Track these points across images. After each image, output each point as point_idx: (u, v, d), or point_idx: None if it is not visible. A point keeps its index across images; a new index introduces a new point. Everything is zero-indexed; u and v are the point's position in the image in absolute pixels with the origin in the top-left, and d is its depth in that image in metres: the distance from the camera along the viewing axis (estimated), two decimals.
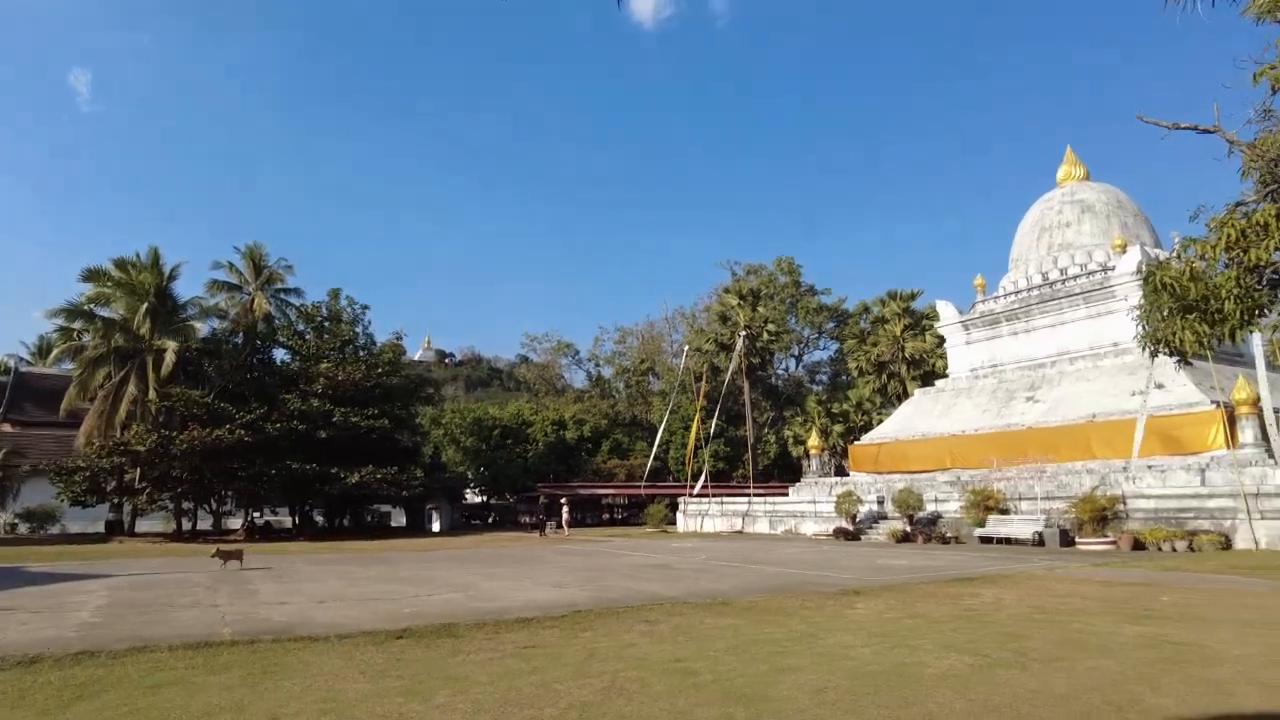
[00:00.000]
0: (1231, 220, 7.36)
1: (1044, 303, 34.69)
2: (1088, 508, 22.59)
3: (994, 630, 9.00)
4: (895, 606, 11.11)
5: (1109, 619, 9.72)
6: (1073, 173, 39.03)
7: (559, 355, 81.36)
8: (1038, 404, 31.44)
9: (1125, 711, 5.62)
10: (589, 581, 15.28)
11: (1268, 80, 7.80)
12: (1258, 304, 7.62)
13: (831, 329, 68.45)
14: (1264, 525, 20.23)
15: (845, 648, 8.08)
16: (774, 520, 35.25)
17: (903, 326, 52.91)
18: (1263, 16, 9.22)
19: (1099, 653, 7.63)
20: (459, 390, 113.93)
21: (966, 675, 6.79)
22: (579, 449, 57.57)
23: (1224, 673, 6.75)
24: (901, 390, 49.64)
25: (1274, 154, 7.30)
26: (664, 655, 7.85)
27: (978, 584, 13.75)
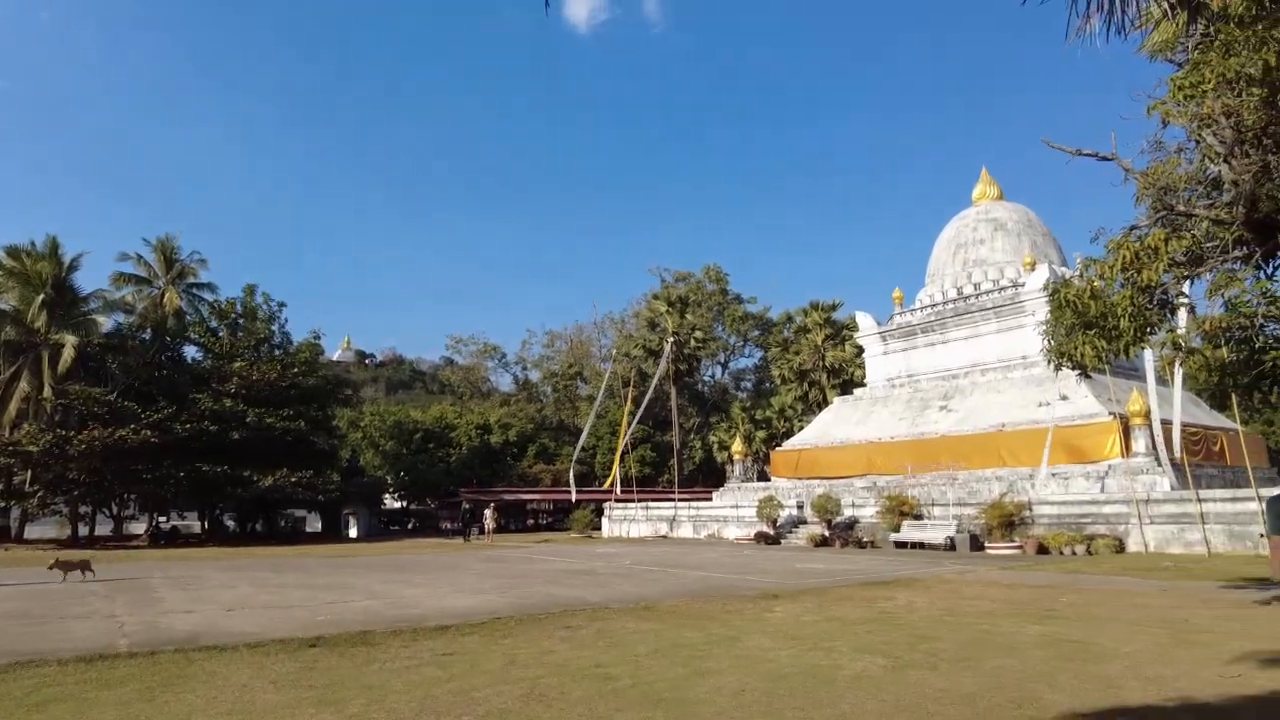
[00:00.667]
0: (1126, 243, 7.83)
1: (958, 316, 36.08)
2: (996, 514, 23.57)
3: (906, 632, 9.29)
4: (812, 610, 11.36)
5: (1013, 620, 10.15)
6: (987, 192, 40.74)
7: (485, 358, 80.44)
8: (951, 413, 32.65)
9: (1025, 708, 5.87)
10: (511, 588, 15.13)
11: (1159, 114, 8.34)
12: (1149, 322, 8.14)
13: (757, 337, 69.65)
14: (1153, 529, 21.49)
15: (764, 650, 8.22)
16: (698, 525, 35.60)
17: (824, 336, 54.20)
18: (1155, 55, 9.85)
19: (1003, 652, 7.96)
20: (379, 392, 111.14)
21: (879, 676, 6.99)
22: (504, 453, 56.93)
23: (1114, 669, 7.13)
24: (822, 398, 50.81)
25: (1164, 182, 7.80)
26: (585, 660, 7.83)
27: (892, 587, 14.18)
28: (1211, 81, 7.54)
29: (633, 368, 57.59)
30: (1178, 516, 21.33)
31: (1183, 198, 8.32)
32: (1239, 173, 7.26)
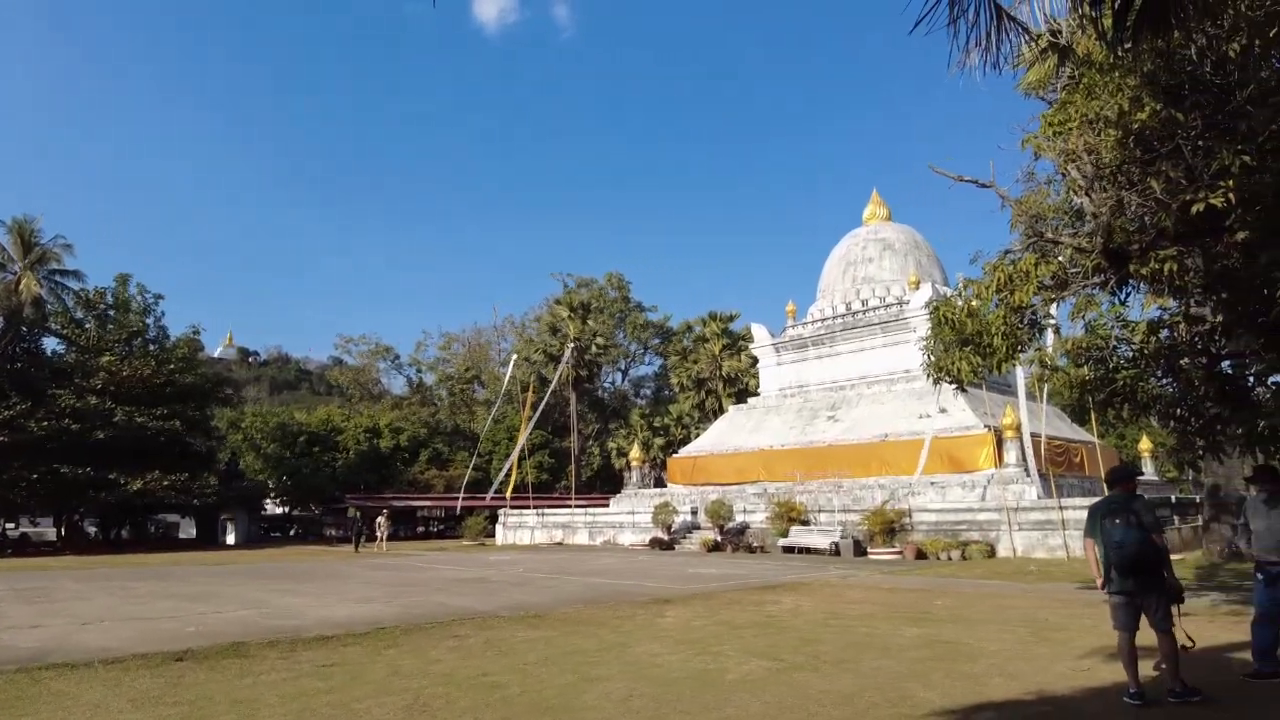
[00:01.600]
0: (1001, 266, 8.36)
1: (847, 330, 37.55)
2: (878, 520, 24.60)
3: (791, 635, 9.56)
4: (702, 614, 11.54)
5: (892, 622, 10.60)
6: (877, 213, 42.63)
7: (376, 359, 77.97)
8: (838, 423, 33.90)
9: (899, 706, 6.15)
10: (398, 596, 14.69)
11: (1032, 147, 8.94)
12: (1020, 340, 8.71)
13: (657, 345, 70.38)
14: (1021, 535, 22.93)
15: (653, 656, 8.28)
16: (594, 531, 35.58)
17: (721, 346, 55.35)
18: (1030, 93, 10.57)
19: (881, 653, 8.31)
20: (263, 392, 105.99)
21: (764, 678, 7.16)
22: (394, 458, 55.24)
23: (981, 666, 7.56)
24: (718, 406, 51.82)
25: (1035, 211, 8.37)
26: (472, 670, 7.68)
27: (779, 591, 14.57)
28: (1076, 120, 8.15)
29: (532, 372, 57.10)
30: (1042, 523, 22.83)
31: (1051, 226, 8.95)
32: (1098, 205, 7.88)
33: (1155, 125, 7.41)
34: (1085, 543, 6.54)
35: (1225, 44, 6.63)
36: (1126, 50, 7.39)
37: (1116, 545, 6.06)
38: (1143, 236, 8.00)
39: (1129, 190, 7.72)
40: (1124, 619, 6.18)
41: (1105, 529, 6.15)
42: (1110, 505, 6.26)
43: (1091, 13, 4.42)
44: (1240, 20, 6.39)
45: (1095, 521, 6.29)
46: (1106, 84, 7.85)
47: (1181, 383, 9.59)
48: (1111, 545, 6.09)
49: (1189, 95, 7.15)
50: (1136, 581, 6.09)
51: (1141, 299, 10.24)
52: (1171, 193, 7.33)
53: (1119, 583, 6.14)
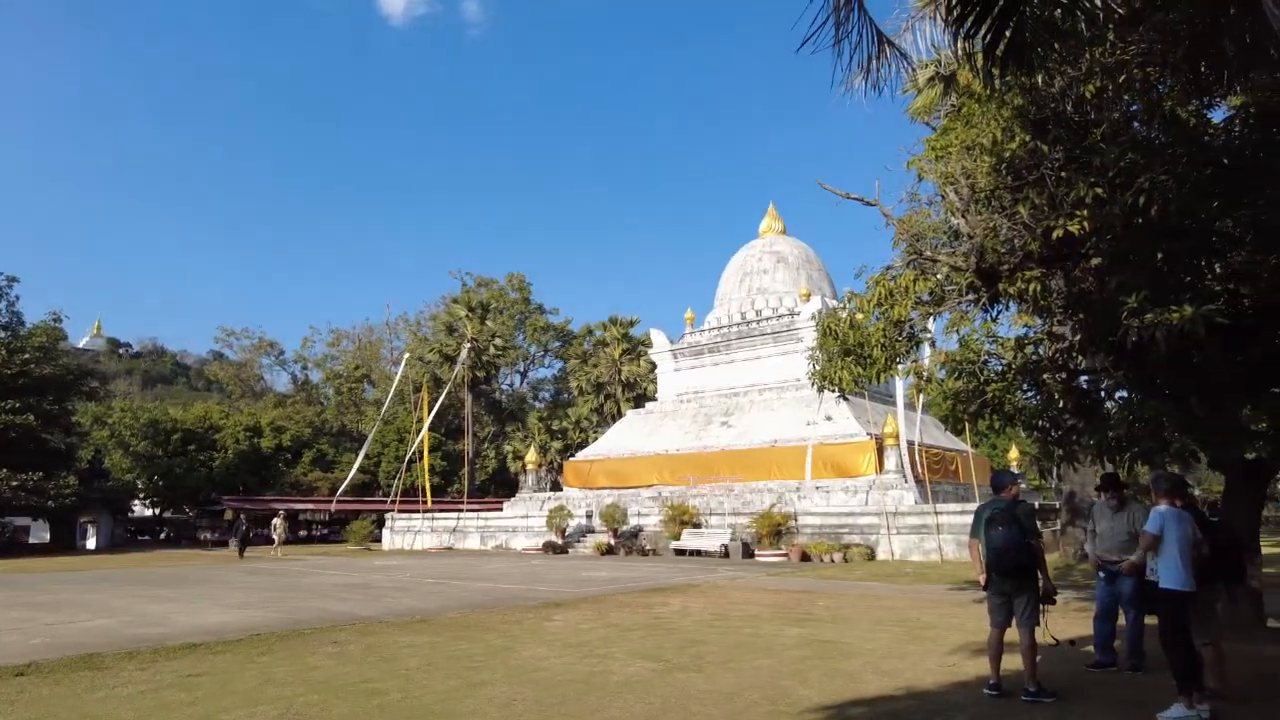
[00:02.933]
0: (882, 281, 8.78)
1: (741, 339, 38.48)
2: (766, 523, 25.29)
3: (678, 637, 9.71)
4: (591, 617, 11.55)
5: (775, 623, 10.91)
6: (773, 226, 43.91)
7: (259, 354, 74.37)
8: (731, 429, 34.66)
9: (778, 703, 6.34)
10: (275, 602, 14.04)
11: (916, 169, 9.43)
12: (898, 352, 9.16)
13: (557, 348, 70.03)
14: (899, 539, 24.06)
15: (539, 659, 8.24)
16: (485, 536, 35.03)
17: (621, 351, 55.67)
18: (916, 117, 11.14)
19: (763, 653, 8.55)
20: (134, 386, 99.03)
21: (649, 680, 7.24)
22: (276, 459, 52.71)
23: (857, 664, 7.89)
24: (617, 410, 52.05)
25: (916, 230, 8.83)
26: (351, 676, 7.44)
27: (668, 593, 14.75)
28: (956, 146, 8.66)
29: (426, 373, 55.73)
30: (919, 528, 24.02)
31: (930, 245, 9.46)
32: (972, 227, 8.40)
33: (1024, 155, 7.96)
34: (970, 543, 6.96)
35: (1083, 85, 7.20)
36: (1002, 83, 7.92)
37: (998, 549, 6.46)
38: (1012, 258, 8.57)
39: (1000, 214, 8.25)
40: (999, 616, 6.62)
41: (989, 532, 6.55)
42: (995, 509, 6.64)
43: (966, 46, 4.71)
44: (1094, 65, 6.97)
45: (980, 524, 6.69)
46: (984, 114, 8.38)
47: (1044, 396, 10.29)
48: (993, 548, 6.48)
49: (1053, 129, 7.72)
50: (1013, 583, 6.52)
51: (1010, 316, 10.97)
52: (1036, 218, 7.89)
53: (998, 583, 6.56)
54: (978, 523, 6.68)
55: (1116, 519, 7.58)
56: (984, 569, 6.63)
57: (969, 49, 4.93)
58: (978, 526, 6.68)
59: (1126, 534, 7.40)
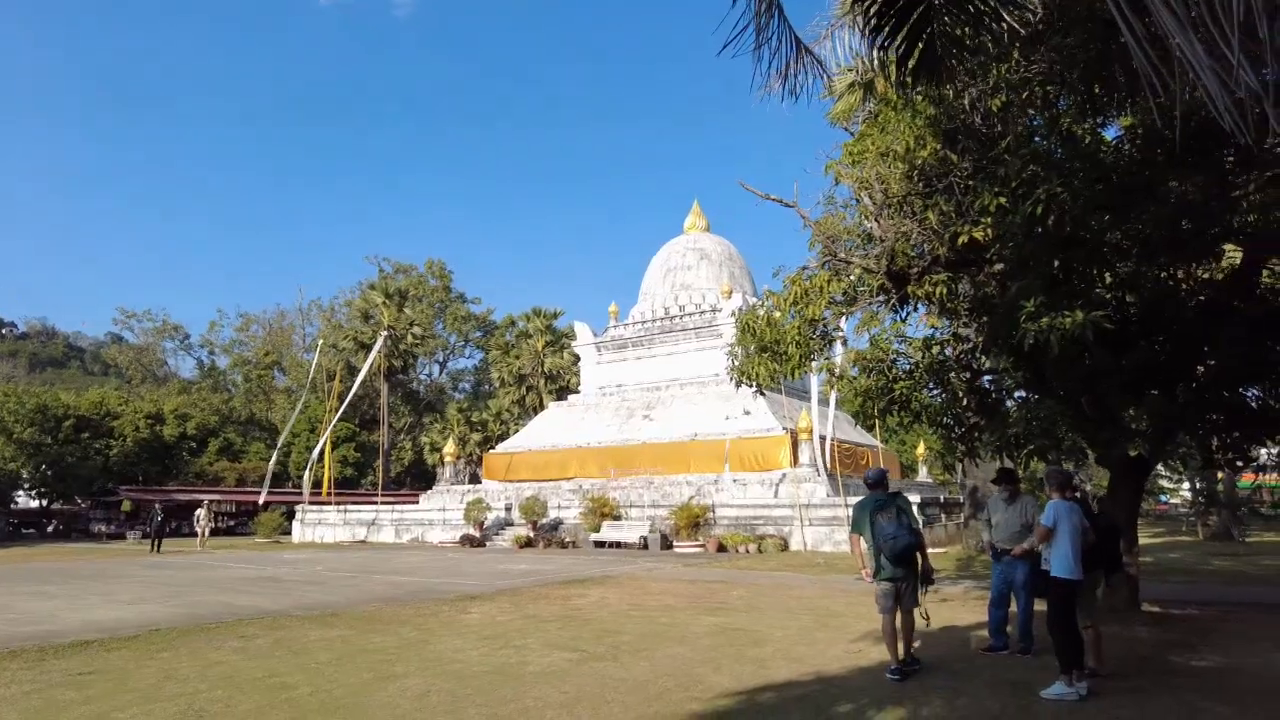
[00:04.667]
0: (799, 281, 9.04)
1: (664, 334, 38.83)
2: (685, 515, 25.65)
3: (595, 627, 9.79)
4: (508, 609, 11.53)
5: (690, 612, 11.12)
6: (697, 223, 44.43)
7: (162, 337, 70.99)
8: (653, 422, 34.97)
9: (690, 690, 6.50)
10: (175, 597, 13.49)
11: (834, 173, 9.73)
12: (812, 350, 9.45)
13: (478, 338, 69.13)
14: (811, 530, 24.77)
15: (455, 651, 8.19)
16: (401, 529, 34.38)
17: (544, 343, 55.34)
18: (836, 122, 11.47)
19: (678, 642, 8.72)
20: (19, 369, 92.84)
21: (565, 669, 7.30)
22: (180, 448, 50.38)
23: (767, 651, 8.14)
24: (539, 403, 51.76)
25: (831, 233, 9.11)
26: (257, 671, 7.24)
27: (586, 585, 14.83)
28: (871, 152, 8.98)
29: (340, 361, 54.23)
30: (830, 519, 24.77)
31: (844, 247, 9.78)
32: (885, 231, 8.73)
33: (934, 163, 8.32)
34: (852, 538, 7.35)
35: (990, 99, 7.59)
36: (915, 93, 8.26)
37: (891, 538, 6.87)
38: (920, 262, 8.95)
39: (911, 220, 8.61)
40: (889, 603, 6.98)
41: (878, 524, 6.94)
42: (879, 503, 7.05)
43: (882, 56, 4.92)
44: (1001, 80, 7.35)
45: (866, 518, 7.05)
46: (898, 122, 8.71)
47: (948, 394, 10.78)
48: (886, 538, 6.88)
49: (962, 140, 8.10)
50: (904, 569, 6.96)
51: (918, 318, 11.45)
52: (944, 224, 8.26)
53: (890, 570, 6.93)
54: (862, 518, 7.11)
55: (1010, 510, 8.03)
56: (869, 561, 7.07)
57: (885, 59, 5.14)
58: (862, 521, 7.11)
59: (1020, 525, 7.86)
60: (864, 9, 4.22)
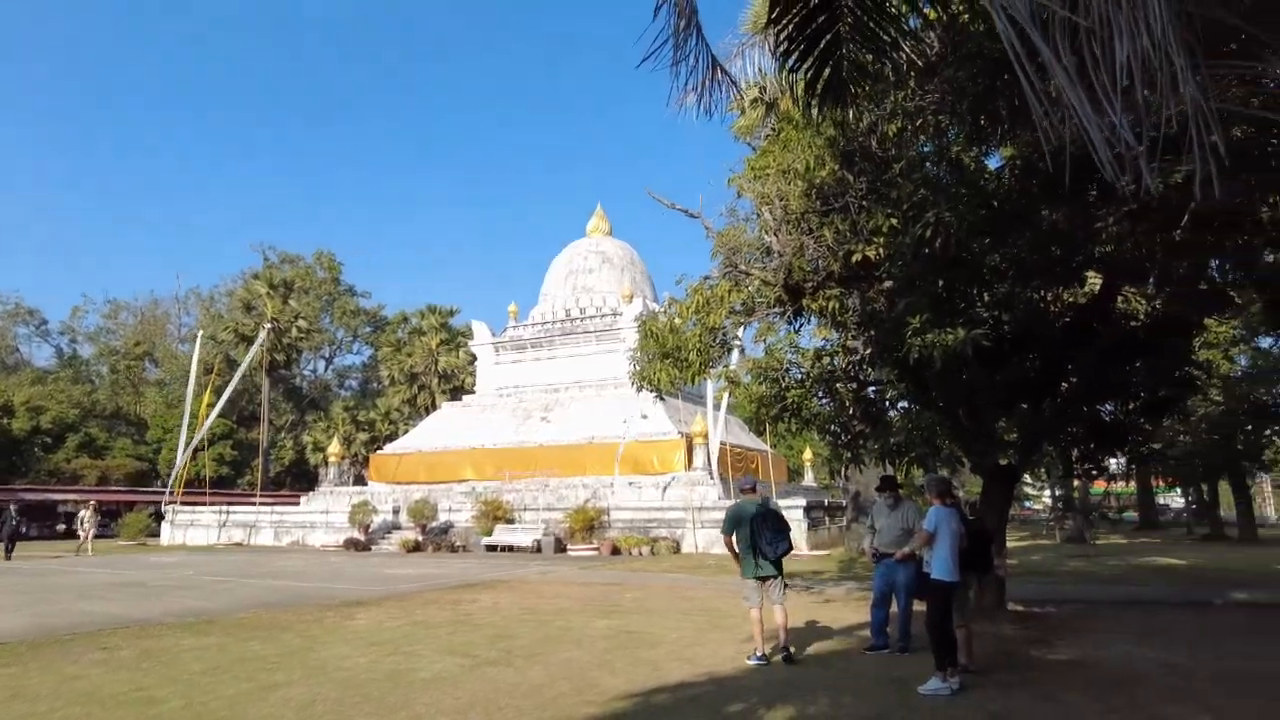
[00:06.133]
0: (700, 290, 9.24)
1: (564, 335, 38.73)
2: (580, 518, 25.63)
3: (487, 632, 9.66)
4: (397, 614, 11.22)
5: (584, 616, 11.13)
6: (600, 226, 44.55)
7: (15, 321, 65.24)
8: (550, 424, 34.78)
9: (585, 693, 6.51)
10: (28, 605, 12.44)
11: (736, 186, 9.99)
12: (711, 358, 9.67)
13: (368, 334, 66.96)
14: (703, 533, 25.21)
15: (341, 659, 7.91)
16: (280, 531, 32.85)
17: (439, 341, 54.11)
18: (740, 137, 11.77)
19: (573, 645, 8.71)
20: None
21: (457, 675, 7.18)
22: (32, 442, 46.46)
23: (661, 653, 8.25)
24: (431, 402, 50.56)
25: (733, 244, 9.36)
26: (122, 685, 6.77)
27: (478, 590, 14.60)
28: (773, 169, 9.27)
29: (219, 353, 51.37)
30: (721, 522, 25.30)
31: (745, 259, 10.06)
32: (783, 246, 9.04)
33: (832, 183, 8.68)
34: (726, 539, 8.04)
35: (886, 124, 7.98)
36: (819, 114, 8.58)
37: (769, 540, 7.64)
38: (815, 277, 9.31)
39: (808, 236, 8.94)
40: (756, 598, 7.76)
41: (754, 527, 7.71)
42: (756, 508, 7.82)
43: (790, 78, 5.10)
44: (897, 107, 7.75)
45: (743, 521, 7.83)
46: (799, 140, 9.04)
47: (836, 403, 11.25)
48: (764, 540, 7.64)
49: (858, 162, 8.48)
50: (775, 567, 7.79)
51: (811, 329, 11.89)
52: (839, 242, 8.63)
53: (763, 569, 7.73)
54: (739, 520, 7.73)
55: (893, 516, 8.45)
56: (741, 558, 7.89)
57: (791, 81, 5.33)
58: (736, 524, 7.82)
59: (901, 529, 8.28)
60: (775, 32, 4.37)
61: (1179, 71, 1.78)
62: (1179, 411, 13.53)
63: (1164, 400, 11.01)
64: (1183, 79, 1.79)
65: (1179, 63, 1.75)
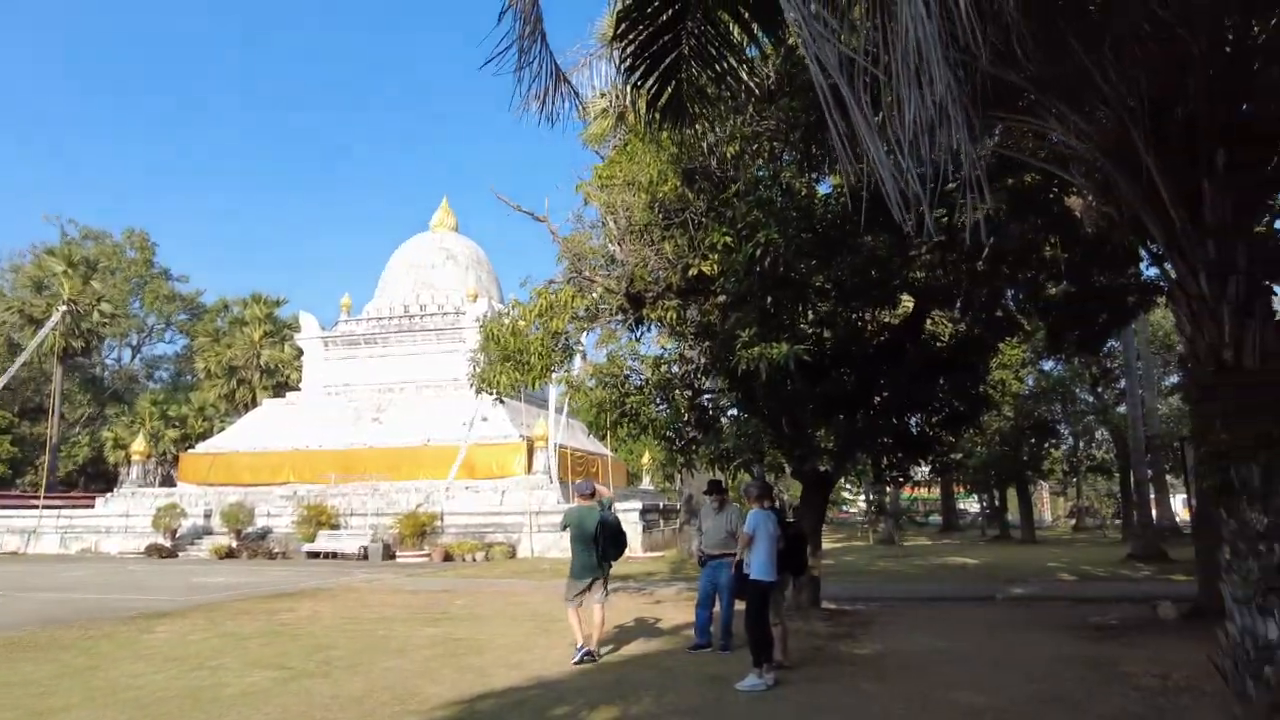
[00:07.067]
0: (545, 294, 9.27)
1: (402, 333, 37.37)
2: (410, 523, 24.82)
3: (305, 643, 9.17)
4: (203, 627, 10.42)
5: (410, 624, 10.79)
6: (445, 221, 43.36)
7: None
8: (384, 425, 33.44)
9: (407, 703, 6.34)
10: None
11: (584, 193, 10.10)
12: (554, 362, 9.72)
13: (183, 322, 61.59)
14: (540, 537, 25.13)
15: (134, 677, 7.25)
16: (69, 537, 29.50)
17: (263, 332, 50.60)
18: (589, 144, 11.92)
19: (396, 654, 8.44)
20: None
21: (269, 689, 6.77)
22: None
23: (488, 659, 8.16)
24: (252, 399, 47.21)
25: (578, 250, 9.46)
26: None
27: (297, 598, 13.82)
28: (619, 180, 9.47)
29: (0, 337, 45.53)
30: (553, 526, 25.32)
31: (590, 265, 10.19)
32: (627, 255, 9.24)
33: (674, 199, 8.98)
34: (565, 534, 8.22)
35: (726, 146, 8.37)
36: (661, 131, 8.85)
37: (594, 540, 8.00)
38: (656, 287, 9.58)
39: (650, 248, 9.20)
40: (579, 599, 8.09)
41: (585, 528, 8.03)
42: (593, 516, 8.11)
43: (634, 94, 5.25)
44: (736, 131, 8.14)
45: (589, 522, 8.06)
46: (645, 154, 9.28)
47: (673, 409, 11.61)
48: (590, 540, 7.98)
49: (699, 180, 8.83)
50: (605, 567, 8.20)
51: (652, 338, 12.20)
52: (679, 256, 8.94)
53: (593, 571, 8.09)
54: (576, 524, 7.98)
55: (718, 519, 8.82)
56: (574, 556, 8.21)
57: (636, 97, 5.48)
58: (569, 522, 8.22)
59: (726, 532, 8.66)
60: (621, 48, 4.49)
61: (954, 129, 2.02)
62: (976, 425, 14.97)
63: (963, 414, 12.18)
64: (958, 136, 2.04)
65: (958, 120, 2.00)
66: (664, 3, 4.49)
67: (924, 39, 1.88)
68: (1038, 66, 4.52)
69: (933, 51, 1.85)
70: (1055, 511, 60.75)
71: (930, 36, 1.86)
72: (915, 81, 1.93)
